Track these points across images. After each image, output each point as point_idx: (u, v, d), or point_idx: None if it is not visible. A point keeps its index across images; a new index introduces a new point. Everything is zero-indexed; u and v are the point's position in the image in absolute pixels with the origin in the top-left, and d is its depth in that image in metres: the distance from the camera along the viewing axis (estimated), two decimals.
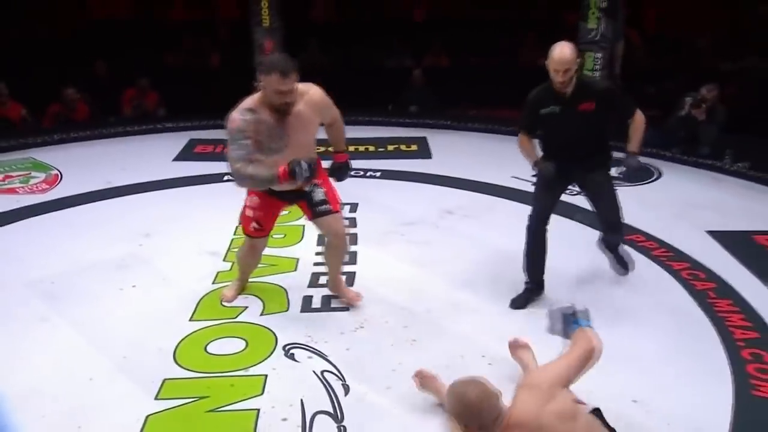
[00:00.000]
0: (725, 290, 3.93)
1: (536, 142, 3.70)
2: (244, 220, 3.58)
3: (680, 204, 5.35)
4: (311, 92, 3.31)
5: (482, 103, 7.92)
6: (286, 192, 3.40)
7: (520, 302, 3.79)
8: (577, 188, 3.91)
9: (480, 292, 3.94)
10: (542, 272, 3.82)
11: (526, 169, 6.19)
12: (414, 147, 7.27)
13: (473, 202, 5.47)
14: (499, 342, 3.30)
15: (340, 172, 3.59)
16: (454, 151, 7.03)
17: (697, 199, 5.49)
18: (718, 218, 5.01)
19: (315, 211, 3.49)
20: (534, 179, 3.97)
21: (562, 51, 3.34)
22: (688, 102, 6.45)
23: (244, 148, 3.13)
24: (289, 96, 3.11)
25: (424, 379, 2.94)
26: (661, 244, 4.54)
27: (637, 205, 5.34)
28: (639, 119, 3.60)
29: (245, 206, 3.54)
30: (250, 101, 3.20)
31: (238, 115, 3.15)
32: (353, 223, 5.03)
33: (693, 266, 4.24)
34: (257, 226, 3.55)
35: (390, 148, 7.26)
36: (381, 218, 5.11)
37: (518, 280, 3.87)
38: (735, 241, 4.62)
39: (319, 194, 3.49)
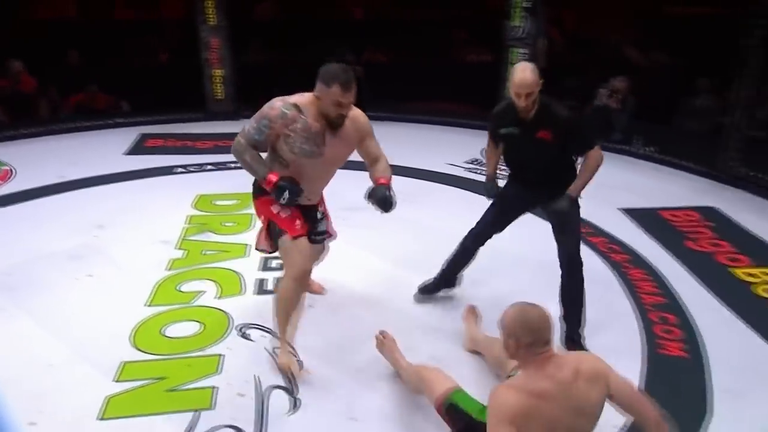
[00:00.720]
0: (637, 261, 4.12)
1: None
2: (286, 223, 2.95)
3: (596, 185, 5.37)
4: (357, 114, 2.98)
5: (418, 97, 7.97)
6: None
7: (428, 289, 3.68)
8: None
9: (421, 271, 3.98)
10: (456, 275, 3.65)
11: (459, 157, 6.37)
12: None
13: (412, 188, 5.51)
14: (433, 317, 3.45)
15: (385, 203, 3.05)
16: (394, 141, 6.98)
17: (611, 180, 5.60)
18: (629, 197, 5.21)
19: (312, 238, 3.16)
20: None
21: (523, 75, 2.97)
22: (603, 93, 6.66)
23: (261, 135, 2.86)
24: (346, 109, 2.81)
25: (386, 340, 2.98)
26: (582, 221, 4.67)
27: None
28: (593, 158, 3.03)
29: (277, 212, 2.96)
30: (300, 98, 2.85)
31: (279, 104, 2.83)
32: None
33: (609, 240, 4.41)
34: (300, 223, 2.99)
35: None
36: (329, 204, 5.08)
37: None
38: (644, 217, 4.83)
39: (322, 226, 3.32)
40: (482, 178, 5.66)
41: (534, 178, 3.20)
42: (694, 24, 6.78)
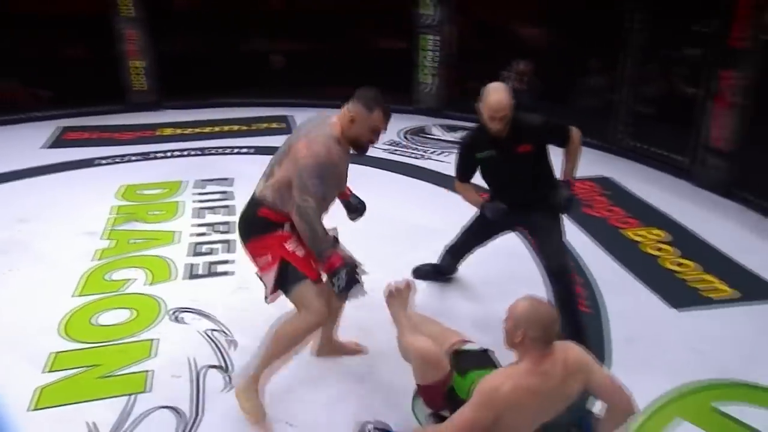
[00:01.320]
0: None
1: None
2: (302, 263, 2.43)
3: None
4: None
5: (336, 84, 7.90)
6: None
7: (421, 273, 3.55)
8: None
9: (355, 252, 3.98)
10: (455, 266, 3.49)
11: (385, 139, 6.38)
12: (282, 125, 7.16)
13: None
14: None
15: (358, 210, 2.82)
16: None
17: None
18: None
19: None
20: None
21: (498, 97, 2.74)
22: (509, 76, 6.83)
23: (325, 187, 2.34)
24: (381, 135, 2.47)
25: (396, 294, 2.47)
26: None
27: None
28: (575, 140, 2.94)
29: (293, 251, 2.44)
30: (333, 130, 2.39)
31: (334, 146, 2.35)
32: (231, 196, 4.88)
33: None
34: (315, 264, 2.47)
35: (259, 126, 7.11)
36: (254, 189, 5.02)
37: (388, 240, 3.96)
38: None
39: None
40: (402, 159, 5.79)
41: (515, 197, 2.96)
42: (585, 8, 6.98)
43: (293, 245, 2.43)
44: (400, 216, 4.42)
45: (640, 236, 4.20)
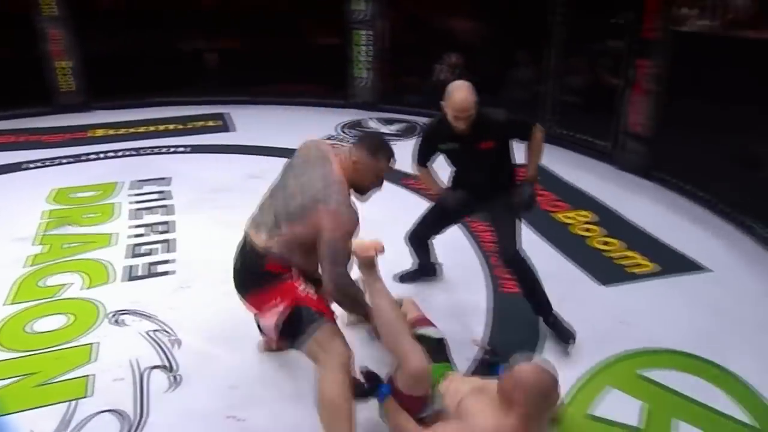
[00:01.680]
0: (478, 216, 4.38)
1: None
2: (316, 303, 2.26)
3: None
4: None
5: (273, 80, 7.81)
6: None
7: (406, 278, 3.47)
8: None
9: None
10: (426, 260, 3.42)
11: (318, 134, 6.36)
12: (218, 122, 7.01)
13: (275, 166, 5.36)
14: None
15: None
16: (255, 123, 6.90)
17: None
18: None
19: None
20: None
21: (463, 97, 2.67)
22: (441, 69, 6.92)
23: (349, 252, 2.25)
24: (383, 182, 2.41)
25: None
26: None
27: (409, 154, 5.70)
28: (537, 137, 2.93)
29: (306, 293, 2.26)
30: (344, 190, 2.24)
31: (351, 203, 2.24)
32: (168, 195, 4.76)
33: None
34: (326, 302, 2.34)
35: (195, 125, 6.93)
36: (192, 188, 4.91)
37: None
38: None
39: None
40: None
41: (478, 186, 2.98)
42: (513, 1, 7.11)
43: (304, 286, 2.26)
44: None
45: (569, 218, 4.36)
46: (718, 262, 3.68)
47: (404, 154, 5.66)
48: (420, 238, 3.31)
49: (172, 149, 5.99)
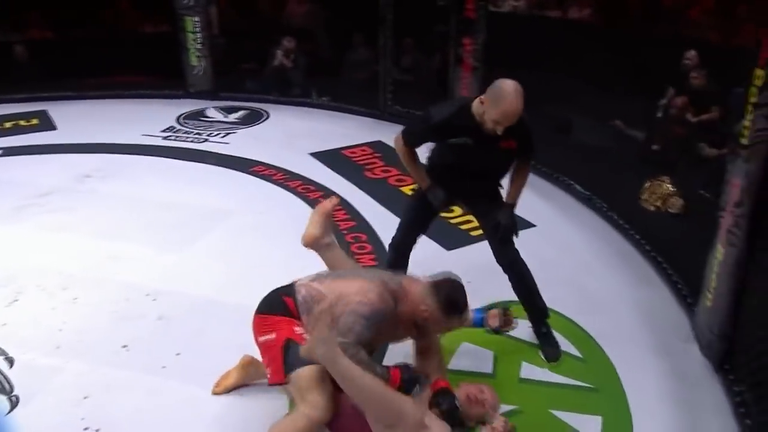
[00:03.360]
0: (329, 195, 4.41)
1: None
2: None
3: (286, 136, 5.72)
4: None
5: (97, 73, 7.14)
6: None
7: None
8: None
9: (133, 241, 3.73)
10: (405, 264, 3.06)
11: (155, 127, 5.99)
12: (35, 121, 6.27)
13: (110, 163, 5.03)
14: (159, 281, 3.25)
15: None
16: (79, 119, 6.28)
17: (297, 129, 5.92)
18: (314, 142, 5.48)
19: None
20: None
21: (517, 106, 2.39)
22: (278, 54, 6.81)
23: (370, 333, 2.12)
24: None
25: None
26: (278, 169, 4.83)
27: (254, 141, 5.60)
28: (528, 166, 2.77)
29: (300, 333, 2.14)
30: (388, 296, 2.15)
31: (370, 320, 2.09)
32: None
33: (304, 182, 4.63)
34: None
35: (7, 125, 6.13)
36: (13, 194, 4.38)
37: (183, 227, 3.80)
38: (329, 157, 5.18)
39: None
40: (183, 144, 5.49)
41: (469, 185, 2.77)
42: None
43: (301, 330, 2.15)
44: (191, 202, 4.24)
45: (412, 191, 4.54)
46: (543, 218, 4.07)
47: (247, 141, 5.62)
48: (407, 244, 3.00)
49: None
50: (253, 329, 2.22)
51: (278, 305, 2.19)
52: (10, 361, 2.63)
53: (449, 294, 2.16)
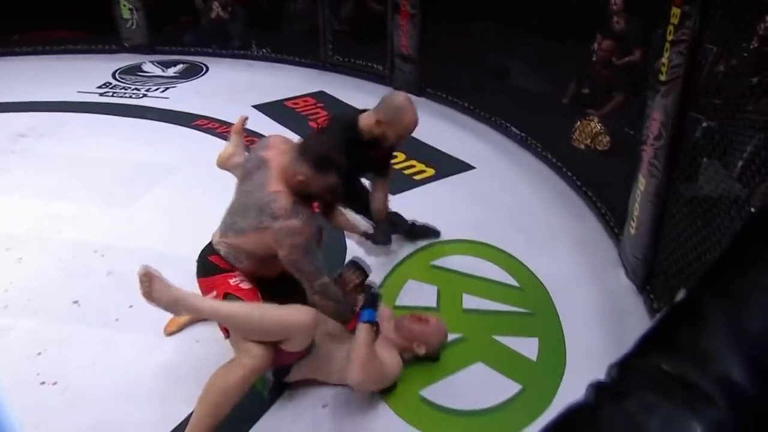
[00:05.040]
0: None
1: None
2: (247, 296, 2.10)
3: (227, 89, 5.56)
4: None
5: (29, 28, 6.67)
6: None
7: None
8: None
9: (75, 200, 3.60)
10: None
11: (90, 83, 5.69)
12: None
13: (45, 122, 4.78)
14: (106, 237, 3.18)
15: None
16: (8, 77, 5.90)
17: (239, 82, 5.77)
18: (257, 94, 5.36)
19: None
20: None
21: (416, 114, 2.55)
22: (215, 7, 6.52)
23: (318, 258, 2.15)
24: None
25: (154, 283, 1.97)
26: (221, 122, 4.70)
27: (195, 95, 5.41)
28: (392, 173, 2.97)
29: (236, 285, 2.12)
30: (288, 196, 2.03)
31: (298, 220, 2.01)
32: None
33: (248, 134, 4.50)
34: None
35: None
36: None
37: (129, 183, 3.70)
38: (273, 109, 5.08)
39: None
40: (121, 101, 5.26)
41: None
42: None
43: (237, 279, 2.14)
44: (133, 158, 4.12)
45: None
46: (482, 160, 4.17)
47: (188, 95, 5.44)
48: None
49: None
50: (200, 291, 2.19)
51: (210, 267, 2.18)
52: None
53: (315, 151, 2.05)
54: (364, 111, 2.68)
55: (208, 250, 2.22)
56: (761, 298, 0.50)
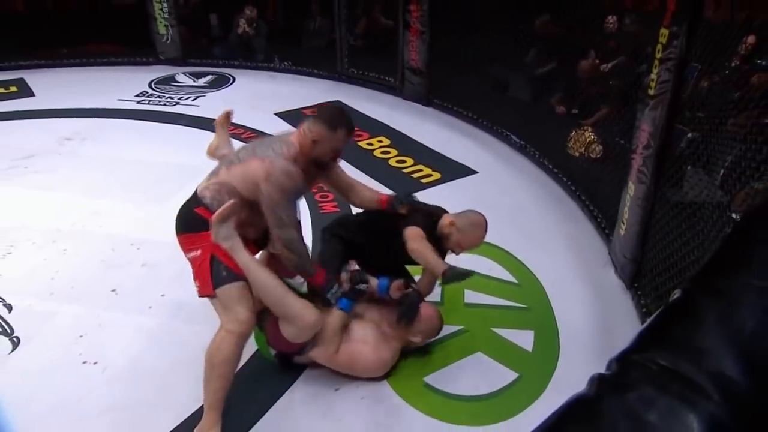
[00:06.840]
0: None
1: None
2: (233, 262, 2.01)
3: (252, 98, 5.57)
4: None
5: (76, 42, 6.72)
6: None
7: None
8: None
9: (116, 198, 3.63)
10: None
11: (129, 92, 5.73)
12: (13, 88, 5.91)
13: (88, 127, 4.82)
14: (142, 232, 3.19)
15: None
16: (56, 86, 5.95)
17: (262, 92, 5.78)
18: (279, 103, 5.37)
19: None
20: None
21: (483, 236, 2.41)
22: (242, 23, 6.54)
23: (294, 210, 2.08)
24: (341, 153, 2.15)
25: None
26: (246, 128, 4.70)
27: (223, 103, 5.41)
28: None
29: (219, 254, 2.00)
30: (288, 150, 2.02)
31: (294, 168, 1.99)
32: None
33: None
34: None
35: None
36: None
37: (158, 184, 3.69)
38: (292, 116, 5.06)
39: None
40: (156, 108, 5.30)
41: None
42: None
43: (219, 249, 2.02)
44: (167, 160, 4.13)
45: (370, 145, 4.54)
46: (484, 166, 4.15)
47: (216, 103, 5.43)
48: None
49: None
50: (180, 246, 2.08)
51: (195, 221, 2.03)
52: (9, 307, 2.58)
53: (327, 111, 2.13)
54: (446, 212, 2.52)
55: (194, 203, 2.08)
56: (753, 297, 0.49)
